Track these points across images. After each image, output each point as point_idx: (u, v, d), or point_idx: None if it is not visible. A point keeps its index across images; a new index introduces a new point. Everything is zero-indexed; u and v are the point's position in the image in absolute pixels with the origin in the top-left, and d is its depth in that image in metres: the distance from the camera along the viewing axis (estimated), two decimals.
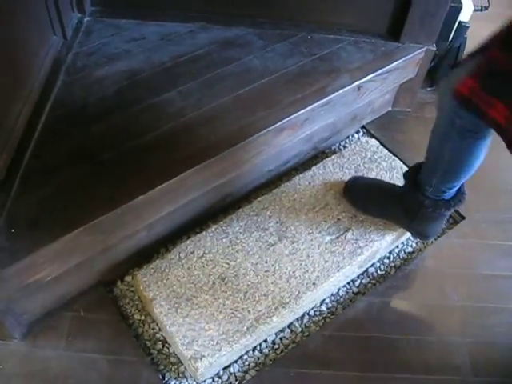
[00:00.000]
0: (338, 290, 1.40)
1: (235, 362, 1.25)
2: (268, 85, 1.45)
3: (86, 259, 1.21)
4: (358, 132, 1.73)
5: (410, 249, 1.51)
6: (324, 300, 1.37)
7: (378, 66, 1.53)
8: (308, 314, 1.35)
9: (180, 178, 1.24)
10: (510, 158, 1.71)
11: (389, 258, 1.49)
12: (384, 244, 1.43)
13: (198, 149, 1.28)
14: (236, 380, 1.23)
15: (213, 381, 1.23)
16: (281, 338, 1.31)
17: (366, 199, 1.42)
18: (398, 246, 1.51)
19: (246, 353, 1.26)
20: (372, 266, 1.45)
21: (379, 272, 1.45)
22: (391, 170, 1.56)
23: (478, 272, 1.46)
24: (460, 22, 1.62)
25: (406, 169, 1.56)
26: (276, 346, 1.29)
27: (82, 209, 1.16)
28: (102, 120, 1.33)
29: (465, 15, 1.61)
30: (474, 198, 1.61)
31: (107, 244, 1.23)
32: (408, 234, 1.48)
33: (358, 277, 1.43)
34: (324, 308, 1.36)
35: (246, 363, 1.26)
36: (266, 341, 1.29)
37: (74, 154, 1.26)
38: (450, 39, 1.67)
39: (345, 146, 1.71)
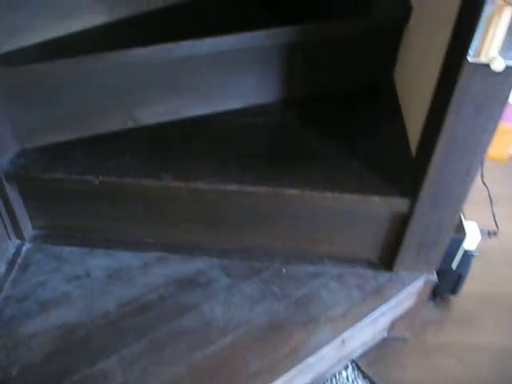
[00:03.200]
0: None
1: None
2: (230, 346, 1.19)
3: None
4: (346, 368, 1.45)
5: None
6: None
7: (367, 310, 1.27)
8: None
9: None
10: None
11: None
12: None
13: None
14: None
15: None
16: None
17: None
18: None
19: None
20: None
21: None
22: None
23: None
24: (465, 251, 1.37)
25: None
26: None
27: None
28: None
29: (470, 243, 1.36)
30: None
31: None
32: None
33: None
34: None
35: None
36: None
37: None
38: (455, 268, 1.41)
39: None
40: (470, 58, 0.99)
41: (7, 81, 1.18)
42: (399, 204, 1.23)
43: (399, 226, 1.28)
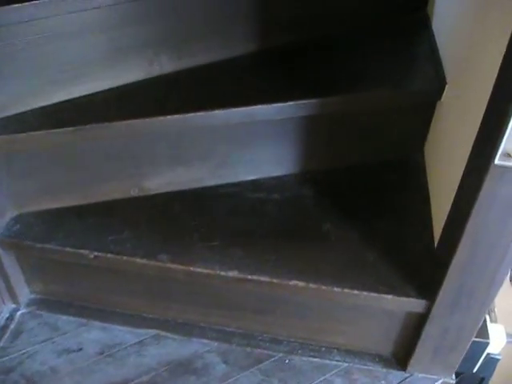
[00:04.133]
0: None
1: None
2: None
3: None
4: None
5: None
6: None
7: None
8: None
9: None
10: None
11: None
12: None
13: None
14: None
15: None
16: None
17: None
18: None
19: None
20: None
21: None
22: None
23: None
24: (488, 354, 1.24)
25: None
26: None
27: None
28: None
29: (495, 347, 1.23)
30: None
31: None
32: None
33: None
34: None
35: None
36: None
37: None
38: (475, 370, 1.28)
39: None
40: (496, 160, 0.88)
41: (5, 147, 1.14)
42: (414, 304, 1.12)
43: (415, 325, 1.17)
